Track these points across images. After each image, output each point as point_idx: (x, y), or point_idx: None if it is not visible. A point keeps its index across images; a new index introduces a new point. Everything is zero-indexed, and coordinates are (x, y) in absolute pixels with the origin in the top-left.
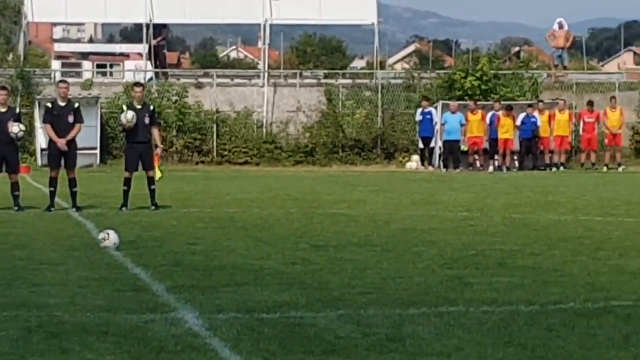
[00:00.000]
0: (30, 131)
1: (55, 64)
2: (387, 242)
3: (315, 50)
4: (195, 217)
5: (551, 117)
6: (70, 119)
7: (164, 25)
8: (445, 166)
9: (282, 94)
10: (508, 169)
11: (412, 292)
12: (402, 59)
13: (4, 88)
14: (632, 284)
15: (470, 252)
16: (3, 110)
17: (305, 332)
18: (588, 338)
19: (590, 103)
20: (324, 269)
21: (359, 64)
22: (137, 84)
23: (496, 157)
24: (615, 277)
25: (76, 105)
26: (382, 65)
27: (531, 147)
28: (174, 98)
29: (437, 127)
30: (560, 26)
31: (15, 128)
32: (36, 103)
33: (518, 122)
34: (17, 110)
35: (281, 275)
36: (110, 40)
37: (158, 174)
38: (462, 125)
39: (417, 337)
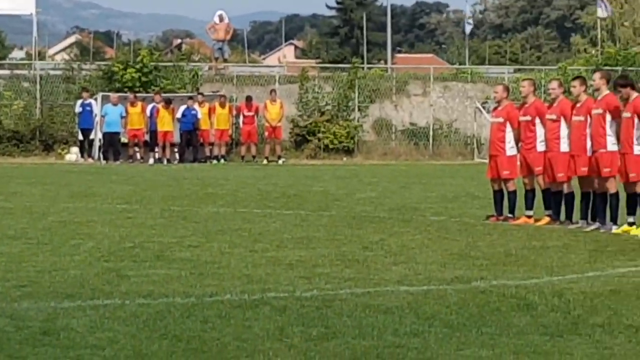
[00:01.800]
0: None
1: None
2: (43, 234)
3: None
4: None
5: (211, 110)
6: None
7: None
8: (105, 158)
9: None
10: (168, 161)
11: (68, 285)
12: (62, 50)
13: None
14: (288, 275)
15: (128, 244)
16: None
17: None
18: (244, 330)
19: (249, 98)
20: None
21: (18, 54)
22: None
23: (156, 149)
24: (272, 268)
25: None
26: (42, 56)
27: (192, 140)
28: None
29: (97, 119)
30: (221, 19)
31: None
32: None
33: (178, 115)
34: None
35: None
36: None
37: None
38: (122, 117)
39: (71, 330)
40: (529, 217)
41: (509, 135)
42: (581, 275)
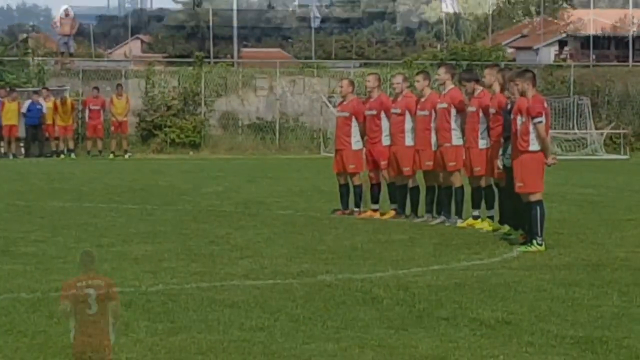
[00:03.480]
0: None
1: None
2: None
3: None
4: None
5: (57, 104)
6: None
7: None
8: None
9: None
10: (14, 155)
11: None
12: None
13: None
14: (134, 270)
15: None
16: None
17: None
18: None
19: (96, 89)
20: None
21: None
22: None
23: (1, 143)
24: (117, 263)
25: None
26: None
27: (37, 134)
28: None
29: None
30: (67, 13)
31: None
32: None
33: (24, 109)
34: None
35: None
36: None
37: None
38: None
39: None
40: (375, 210)
41: (355, 130)
42: (426, 269)
